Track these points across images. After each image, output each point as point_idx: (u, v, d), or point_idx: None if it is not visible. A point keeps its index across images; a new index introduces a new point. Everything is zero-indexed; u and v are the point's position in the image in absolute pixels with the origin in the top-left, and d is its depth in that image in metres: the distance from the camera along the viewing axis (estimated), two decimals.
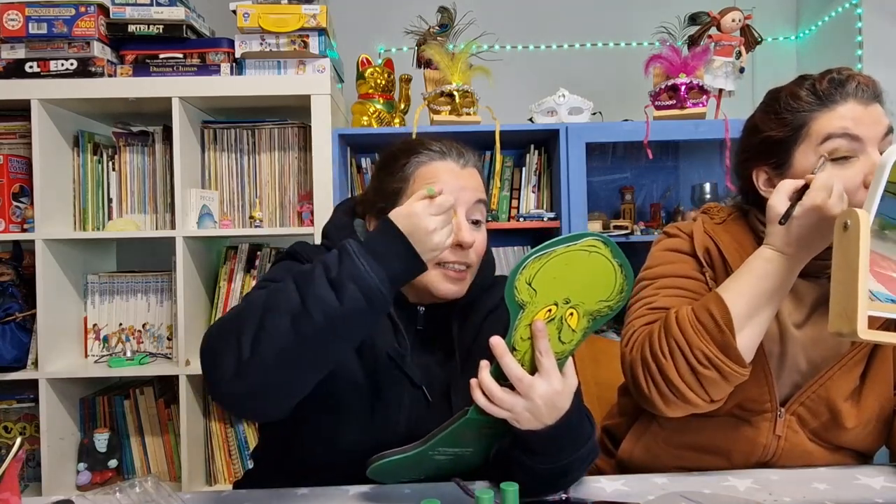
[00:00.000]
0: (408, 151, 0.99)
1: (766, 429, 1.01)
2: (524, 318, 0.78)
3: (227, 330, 0.77)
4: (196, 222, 1.97)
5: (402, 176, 0.97)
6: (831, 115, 0.95)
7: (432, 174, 0.96)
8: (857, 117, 0.94)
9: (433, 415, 0.93)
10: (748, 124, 1.08)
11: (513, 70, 2.44)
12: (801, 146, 0.97)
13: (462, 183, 0.97)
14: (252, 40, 1.92)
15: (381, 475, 0.89)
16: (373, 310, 0.77)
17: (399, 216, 0.82)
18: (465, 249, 0.95)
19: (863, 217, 0.68)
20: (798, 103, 0.98)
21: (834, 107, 0.95)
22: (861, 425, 1.01)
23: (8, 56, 1.89)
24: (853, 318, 0.67)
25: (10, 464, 0.71)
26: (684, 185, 2.43)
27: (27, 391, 2.00)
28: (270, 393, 0.78)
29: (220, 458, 2.05)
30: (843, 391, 1.00)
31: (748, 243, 1.05)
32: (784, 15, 2.54)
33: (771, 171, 1.02)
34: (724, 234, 1.08)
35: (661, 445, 1.08)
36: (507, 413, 0.79)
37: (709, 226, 1.10)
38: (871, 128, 0.94)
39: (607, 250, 0.78)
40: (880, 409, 1.02)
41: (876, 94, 0.97)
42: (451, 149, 0.99)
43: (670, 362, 0.92)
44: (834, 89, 0.96)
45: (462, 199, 0.96)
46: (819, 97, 0.97)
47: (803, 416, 1.01)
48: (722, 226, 1.10)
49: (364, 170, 2.21)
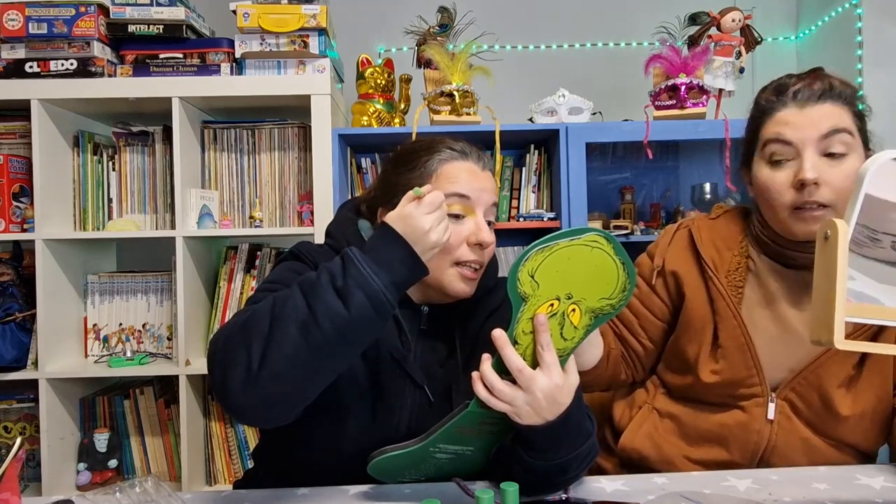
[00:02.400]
0: (429, 149, 0.99)
1: (758, 414, 1.05)
2: (526, 311, 0.78)
3: (235, 341, 0.77)
4: (196, 222, 1.97)
5: (424, 172, 0.97)
6: (771, 122, 1.03)
7: (455, 173, 0.97)
8: (791, 122, 1.00)
9: (434, 415, 0.93)
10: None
11: (513, 70, 2.44)
12: (756, 154, 1.06)
13: (482, 185, 0.98)
14: (252, 40, 1.92)
15: (381, 473, 0.89)
16: (379, 315, 0.77)
17: (394, 219, 0.82)
18: (483, 249, 0.96)
19: (841, 228, 0.69)
20: (755, 111, 1.07)
21: (774, 114, 1.03)
22: (856, 416, 1.01)
23: (8, 56, 1.89)
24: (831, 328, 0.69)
25: (10, 464, 0.71)
26: (684, 186, 2.43)
27: (27, 391, 2.00)
28: (281, 402, 0.78)
29: (220, 458, 2.05)
30: (836, 378, 1.02)
31: (732, 240, 1.13)
32: (784, 15, 2.54)
33: (747, 172, 1.10)
34: (709, 228, 1.15)
35: (661, 434, 1.12)
36: (508, 406, 0.79)
37: (698, 221, 1.18)
38: (804, 130, 0.99)
39: (610, 247, 0.78)
40: (877, 401, 1.03)
41: (822, 94, 1.00)
42: (472, 150, 1.01)
43: None
44: (776, 97, 1.04)
45: (481, 200, 0.97)
46: (766, 104, 1.05)
47: (795, 403, 1.04)
48: (712, 220, 1.18)
49: (364, 170, 2.21)
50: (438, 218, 0.82)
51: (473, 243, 0.95)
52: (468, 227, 0.96)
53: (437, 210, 0.83)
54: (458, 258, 0.94)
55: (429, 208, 0.82)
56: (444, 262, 0.94)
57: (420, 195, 0.83)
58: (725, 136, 1.97)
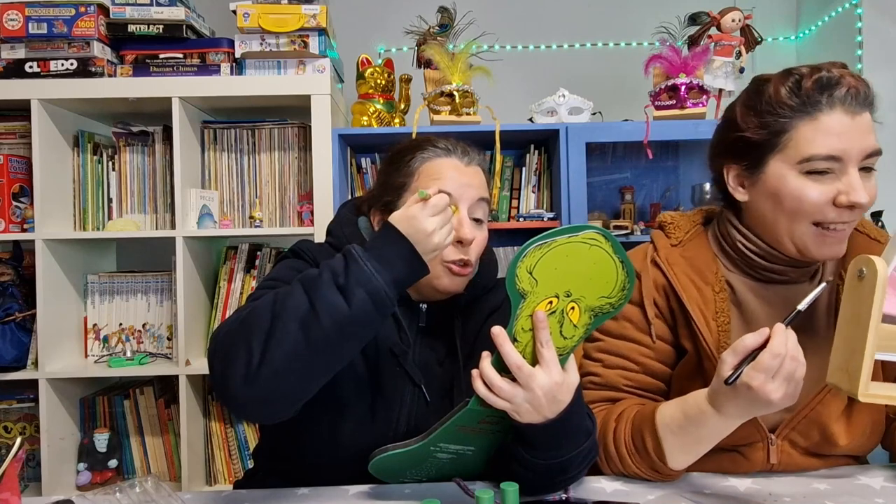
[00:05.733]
0: (413, 148, 1.00)
1: (759, 458, 0.98)
2: (525, 308, 0.78)
3: (236, 336, 0.78)
4: (196, 222, 1.97)
5: (407, 171, 0.98)
6: (814, 127, 0.86)
7: (436, 170, 0.97)
8: (842, 132, 0.85)
9: (433, 414, 0.93)
10: (727, 115, 0.99)
11: (513, 70, 2.44)
12: (777, 155, 0.90)
13: (465, 180, 0.97)
14: (252, 40, 1.92)
15: (382, 472, 0.89)
16: (380, 312, 0.78)
17: (399, 219, 0.83)
18: (465, 246, 0.96)
19: (881, 268, 0.60)
20: (780, 106, 0.89)
21: (818, 115, 0.86)
22: (854, 441, 0.97)
23: (8, 56, 1.89)
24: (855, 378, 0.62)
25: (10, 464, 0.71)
26: (684, 185, 2.43)
27: (27, 391, 2.00)
28: (281, 397, 0.78)
29: (220, 458, 2.05)
30: (834, 412, 0.95)
31: (708, 269, 0.99)
32: (784, 15, 2.54)
33: (742, 171, 0.95)
34: (680, 262, 1.01)
35: None
36: (507, 404, 0.79)
37: (663, 253, 1.03)
38: (855, 143, 0.85)
39: (608, 245, 0.78)
40: (872, 423, 0.98)
41: (868, 101, 0.87)
42: (455, 147, 1.01)
43: (617, 464, 0.95)
44: (820, 94, 0.86)
45: (465, 195, 0.97)
46: (803, 101, 0.87)
47: (795, 440, 0.98)
48: (679, 249, 1.03)
49: (364, 170, 2.21)
50: (442, 220, 0.83)
51: (455, 240, 0.94)
52: None
53: (441, 212, 0.83)
54: (443, 257, 0.94)
55: (433, 210, 0.82)
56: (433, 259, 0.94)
57: (426, 197, 0.83)
58: None
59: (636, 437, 0.92)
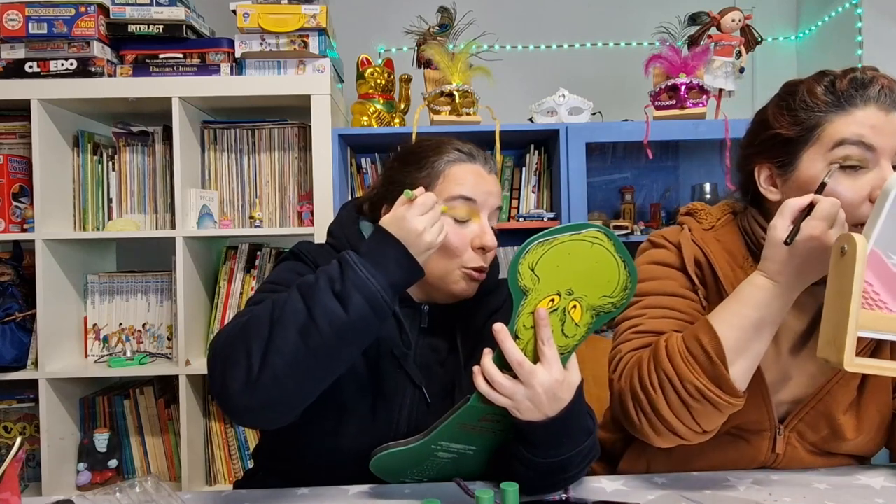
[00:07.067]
0: (437, 149, 1.00)
1: (764, 447, 0.98)
2: (527, 305, 0.78)
3: (235, 344, 0.78)
4: (196, 222, 1.97)
5: (432, 172, 0.97)
6: (848, 119, 0.88)
7: (462, 175, 0.97)
8: (876, 125, 0.87)
9: (433, 415, 0.93)
10: (759, 116, 1.01)
11: (513, 70, 2.44)
12: (810, 148, 0.91)
13: (488, 188, 0.98)
14: (252, 40, 1.92)
15: (383, 471, 0.89)
16: (378, 317, 0.78)
17: (388, 222, 0.84)
18: (486, 253, 0.97)
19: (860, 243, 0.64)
20: (814, 101, 0.91)
21: (852, 110, 0.89)
22: (861, 435, 0.98)
23: (8, 56, 1.89)
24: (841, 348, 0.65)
25: (10, 464, 0.71)
26: (684, 186, 2.43)
27: (27, 391, 2.00)
28: (281, 404, 0.78)
29: (220, 458, 2.05)
30: (843, 404, 0.96)
31: (739, 253, 1.01)
32: (784, 15, 2.54)
33: (775, 169, 0.96)
34: (714, 242, 1.02)
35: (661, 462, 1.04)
36: (507, 401, 0.79)
37: (697, 233, 1.04)
38: (888, 138, 0.87)
39: (610, 244, 0.78)
40: (881, 418, 0.99)
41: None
42: (479, 153, 1.01)
43: (661, 396, 0.87)
44: (854, 91, 0.89)
45: (486, 203, 0.98)
46: (837, 97, 0.90)
47: (803, 432, 0.98)
48: (711, 232, 1.04)
49: (364, 170, 2.21)
50: (431, 219, 0.83)
51: (477, 247, 0.96)
52: (472, 231, 0.96)
53: (429, 211, 0.83)
54: (464, 263, 0.95)
55: (421, 210, 0.83)
56: (452, 265, 0.95)
57: (411, 197, 0.84)
58: (725, 136, 1.97)
59: (690, 342, 0.87)
